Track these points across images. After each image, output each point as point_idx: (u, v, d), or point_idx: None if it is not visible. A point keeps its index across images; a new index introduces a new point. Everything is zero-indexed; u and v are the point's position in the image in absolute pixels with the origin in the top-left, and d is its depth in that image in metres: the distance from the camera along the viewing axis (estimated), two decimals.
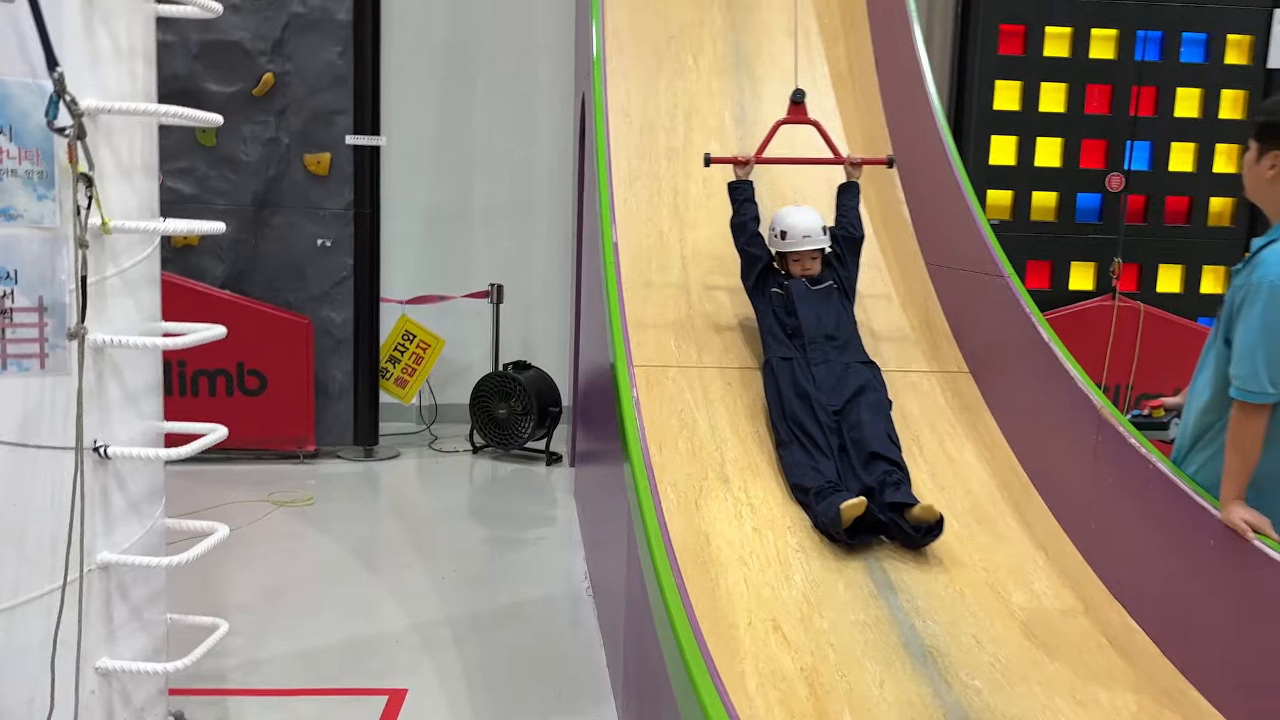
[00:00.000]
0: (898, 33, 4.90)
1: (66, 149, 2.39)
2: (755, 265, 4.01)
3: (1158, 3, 6.33)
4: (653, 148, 4.79)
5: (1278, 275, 2.46)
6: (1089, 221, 6.50)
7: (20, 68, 2.36)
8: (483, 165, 6.84)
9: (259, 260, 5.94)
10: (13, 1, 2.34)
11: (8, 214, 2.39)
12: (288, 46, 5.81)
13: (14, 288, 2.42)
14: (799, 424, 3.58)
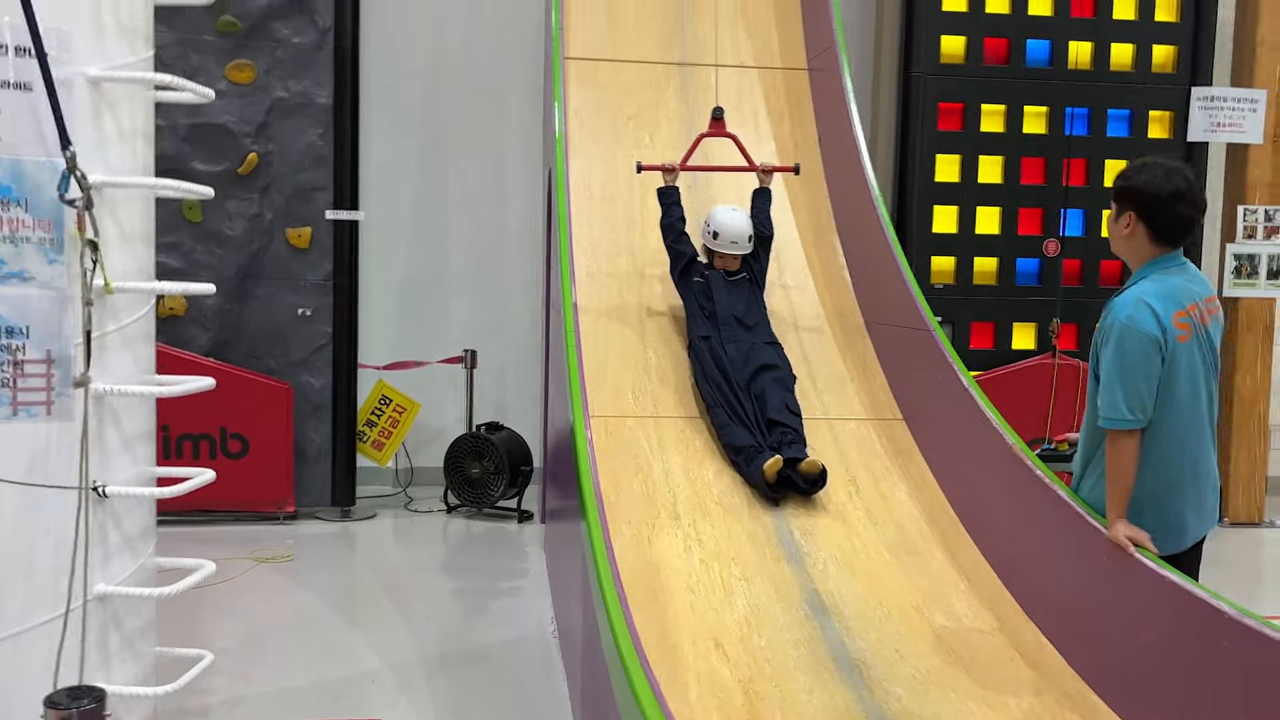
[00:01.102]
0: (837, 113, 5.30)
1: (76, 219, 2.71)
2: (681, 260, 4.67)
3: (1085, 82, 6.81)
4: (612, 217, 5.15)
5: (1125, 317, 2.82)
6: (1029, 284, 6.89)
7: (36, 148, 2.70)
8: (456, 236, 7.20)
9: (242, 329, 6.25)
10: (32, 90, 2.68)
11: (22, 276, 2.70)
12: (271, 128, 6.18)
13: (25, 342, 2.72)
14: (719, 391, 4.28)
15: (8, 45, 2.64)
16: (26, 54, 2.64)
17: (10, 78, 2.65)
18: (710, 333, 4.44)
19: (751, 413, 4.20)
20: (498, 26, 7.10)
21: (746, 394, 4.26)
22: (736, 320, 4.46)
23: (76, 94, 2.73)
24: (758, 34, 5.83)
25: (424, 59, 7.09)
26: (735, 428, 4.15)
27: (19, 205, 2.69)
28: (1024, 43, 6.79)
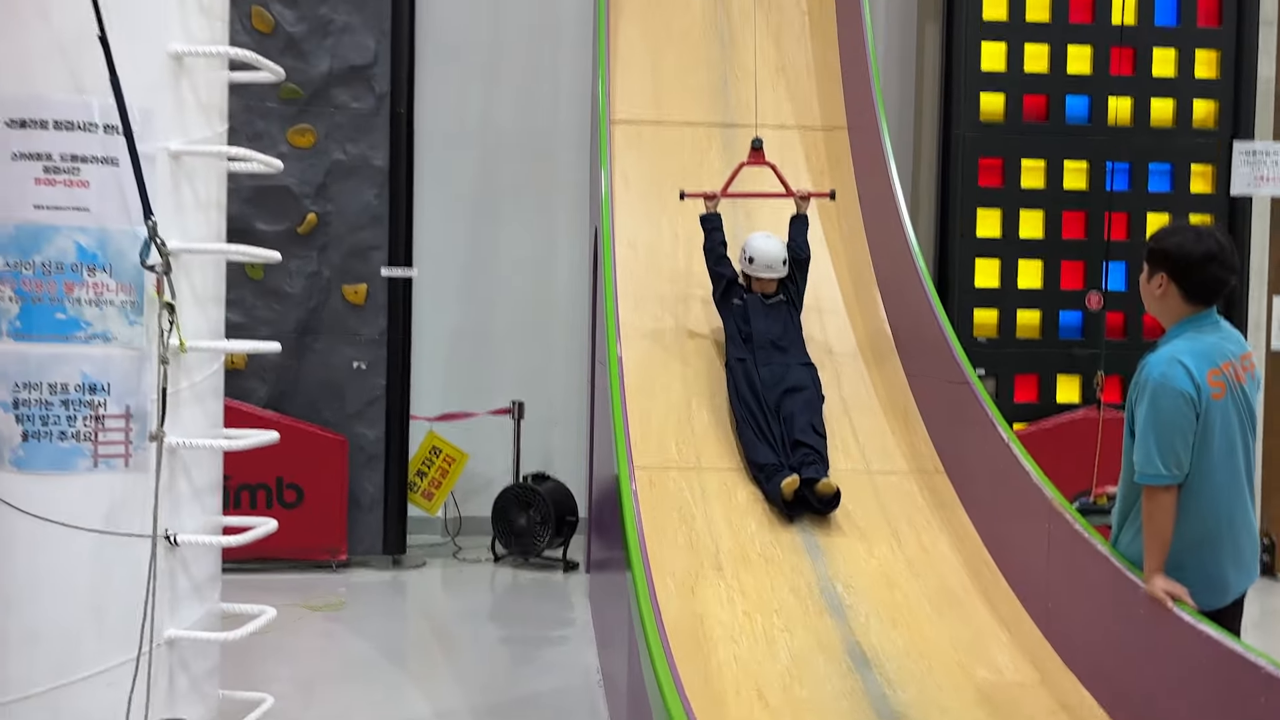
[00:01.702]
0: (877, 171, 5.43)
1: (155, 283, 2.89)
2: (721, 282, 4.91)
3: (1125, 137, 6.87)
4: (656, 273, 5.30)
5: (1159, 375, 2.89)
6: (1072, 337, 6.92)
7: (121, 218, 2.89)
8: (505, 292, 7.39)
9: (300, 382, 6.45)
10: (119, 165, 2.89)
11: (105, 337, 2.89)
12: (330, 190, 6.43)
13: (107, 398, 2.90)
14: (749, 411, 4.53)
15: (98, 124, 2.85)
16: (115, 131, 2.84)
17: (100, 153, 2.86)
18: (746, 355, 4.68)
19: (778, 433, 4.45)
20: (547, 91, 7.34)
21: (775, 415, 4.50)
22: (771, 343, 4.70)
23: (158, 167, 2.92)
24: (798, 95, 5.99)
25: (475, 122, 7.34)
26: (760, 446, 4.41)
27: (104, 271, 2.88)
28: (1063, 99, 6.88)
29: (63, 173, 2.85)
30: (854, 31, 5.87)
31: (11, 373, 2.86)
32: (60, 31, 2.82)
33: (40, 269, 2.85)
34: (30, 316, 2.85)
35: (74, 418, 2.87)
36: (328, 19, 6.36)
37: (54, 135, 2.84)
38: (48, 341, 2.86)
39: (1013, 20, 6.82)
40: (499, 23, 7.30)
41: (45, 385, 2.86)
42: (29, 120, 2.84)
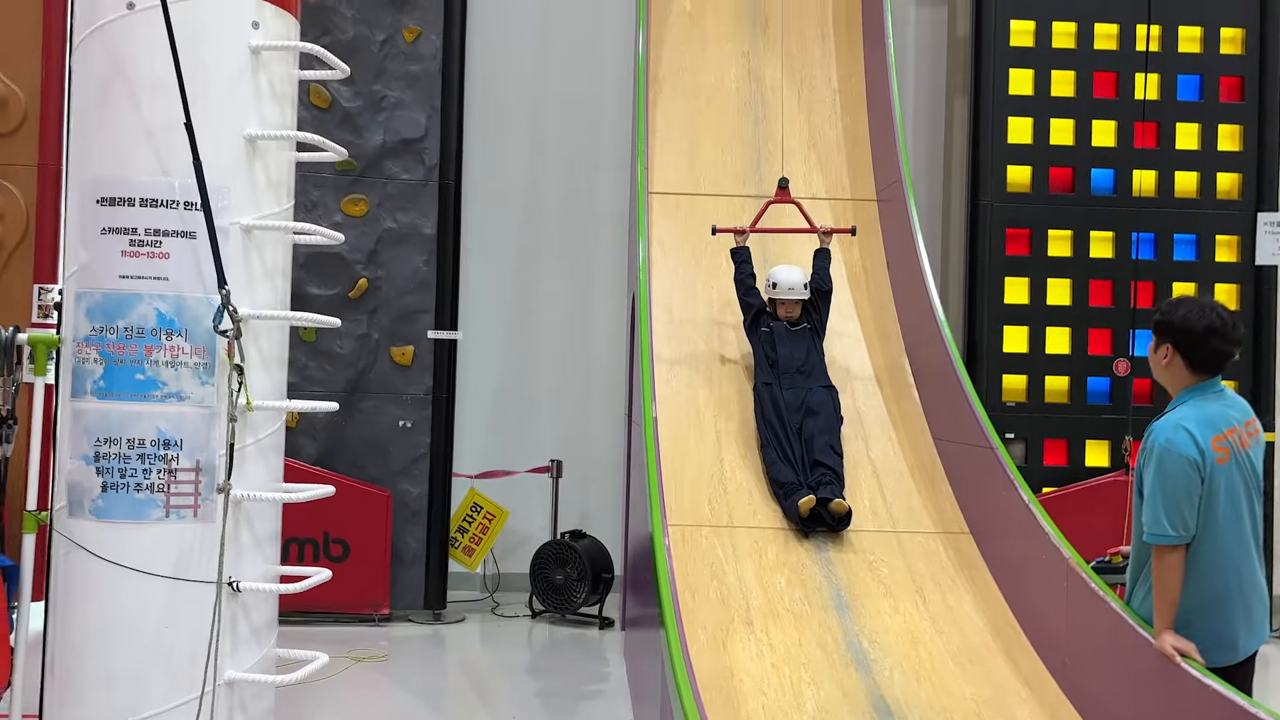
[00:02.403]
0: (904, 241, 5.63)
1: (226, 346, 3.15)
2: (750, 310, 5.30)
3: (1150, 208, 7.03)
4: (691, 336, 5.51)
5: (1165, 440, 3.05)
6: (1100, 403, 7.03)
7: (196, 286, 3.15)
8: (545, 353, 7.64)
9: (347, 440, 6.70)
10: (196, 238, 3.16)
11: (179, 396, 3.14)
12: (381, 256, 6.74)
13: (179, 453, 3.14)
14: (773, 433, 4.91)
15: (179, 201, 3.13)
16: (194, 208, 3.12)
17: (179, 228, 3.13)
18: (772, 380, 5.07)
19: (798, 453, 4.84)
20: (588, 163, 7.64)
21: (797, 436, 4.89)
22: (796, 369, 5.09)
23: (231, 240, 3.19)
24: (829, 168, 6.23)
25: (520, 191, 7.65)
26: (782, 466, 4.81)
27: (180, 335, 3.14)
28: (1089, 172, 7.07)
29: (146, 245, 3.13)
30: (883, 106, 6.11)
31: (94, 429, 3.11)
32: (149, 119, 3.12)
33: (123, 333, 3.11)
34: (113, 377, 3.11)
35: (149, 470, 3.10)
36: (381, 95, 6.71)
37: (140, 211, 3.12)
38: (127, 400, 3.11)
39: (1038, 95, 7.04)
40: (543, 99, 7.64)
41: (124, 440, 3.10)
42: (118, 199, 3.13)
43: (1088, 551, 4.00)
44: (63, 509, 3.15)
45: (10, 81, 6.37)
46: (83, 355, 3.14)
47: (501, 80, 7.57)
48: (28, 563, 3.38)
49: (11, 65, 6.33)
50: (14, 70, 6.33)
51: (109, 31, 3.15)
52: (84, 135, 3.23)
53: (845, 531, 4.61)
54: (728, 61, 6.43)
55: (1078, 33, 7.08)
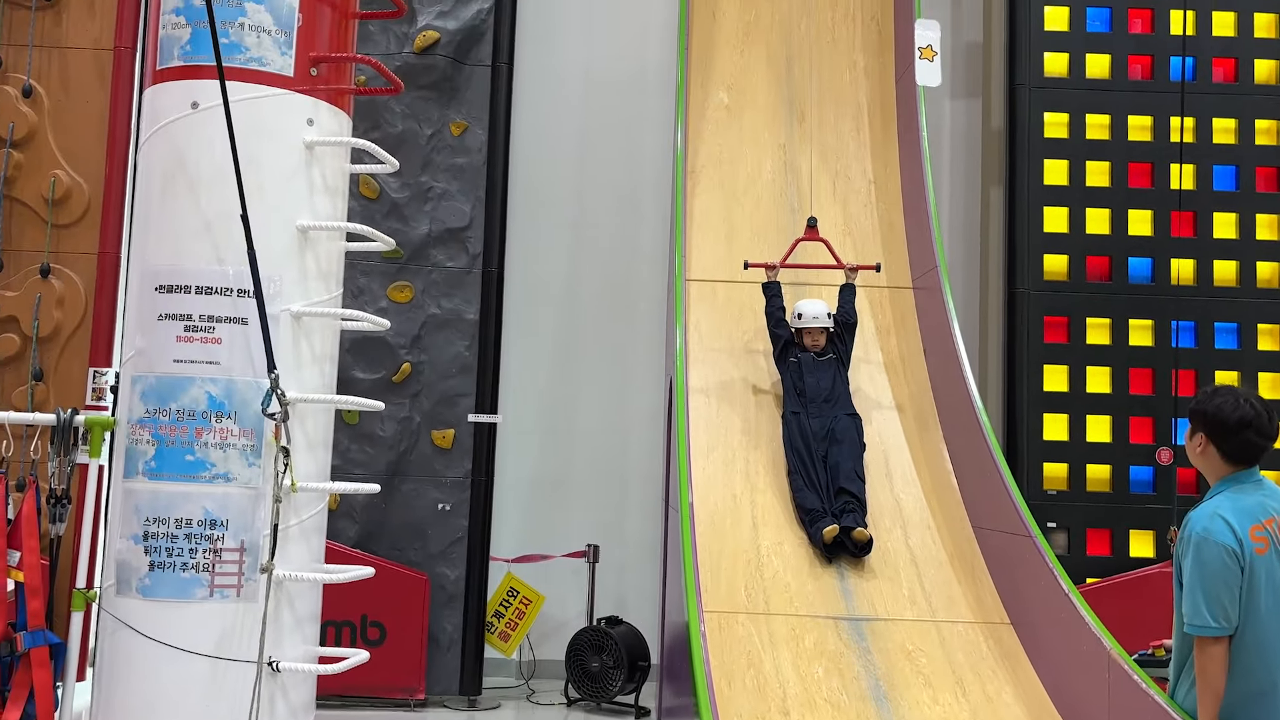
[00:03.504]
0: (940, 329, 5.67)
1: (274, 429, 3.24)
2: (779, 342, 5.59)
3: (1189, 297, 7.02)
4: (727, 423, 5.55)
5: (1202, 529, 3.03)
6: (1143, 492, 6.94)
7: (246, 370, 3.26)
8: (583, 437, 7.69)
9: (386, 522, 6.76)
10: (248, 324, 3.27)
11: (226, 477, 3.22)
12: (424, 341, 6.88)
13: (225, 533, 3.21)
14: (800, 460, 5.20)
15: (233, 289, 3.26)
16: (246, 295, 3.25)
17: (232, 314, 3.26)
18: (799, 409, 5.36)
19: (823, 480, 5.11)
20: (626, 251, 7.79)
21: (822, 464, 5.17)
22: (823, 398, 5.36)
23: (281, 326, 3.31)
24: (864, 255, 6.29)
25: (560, 279, 7.80)
26: (808, 492, 5.09)
27: (229, 418, 3.24)
28: (1126, 260, 7.09)
29: (200, 331, 3.25)
30: (918, 196, 6.21)
31: (144, 508, 3.20)
32: (207, 210, 3.27)
33: (175, 416, 3.22)
34: (164, 458, 3.21)
35: (195, 550, 3.18)
36: (428, 186, 6.93)
37: (195, 299, 3.26)
38: (177, 481, 3.21)
39: (1073, 185, 7.11)
40: (584, 189, 7.84)
41: (172, 520, 3.19)
42: (175, 286, 3.26)
43: (1132, 644, 3.94)
44: (111, 587, 3.23)
45: (76, 174, 6.65)
46: (136, 437, 3.24)
47: (544, 171, 7.78)
48: (75, 640, 3.45)
49: (78, 160, 6.61)
50: (80, 164, 6.62)
51: (173, 129, 3.33)
52: (145, 226, 3.39)
53: (884, 621, 4.58)
54: (764, 153, 6.58)
55: (1111, 125, 7.17)
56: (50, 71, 6.79)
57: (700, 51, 6.83)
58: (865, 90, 6.83)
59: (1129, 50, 7.21)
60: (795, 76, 6.79)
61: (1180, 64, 7.13)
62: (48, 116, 6.69)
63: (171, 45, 3.35)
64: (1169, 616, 6.08)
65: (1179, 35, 7.14)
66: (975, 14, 7.87)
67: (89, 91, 6.74)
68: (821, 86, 6.74)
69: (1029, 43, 7.18)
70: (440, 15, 6.98)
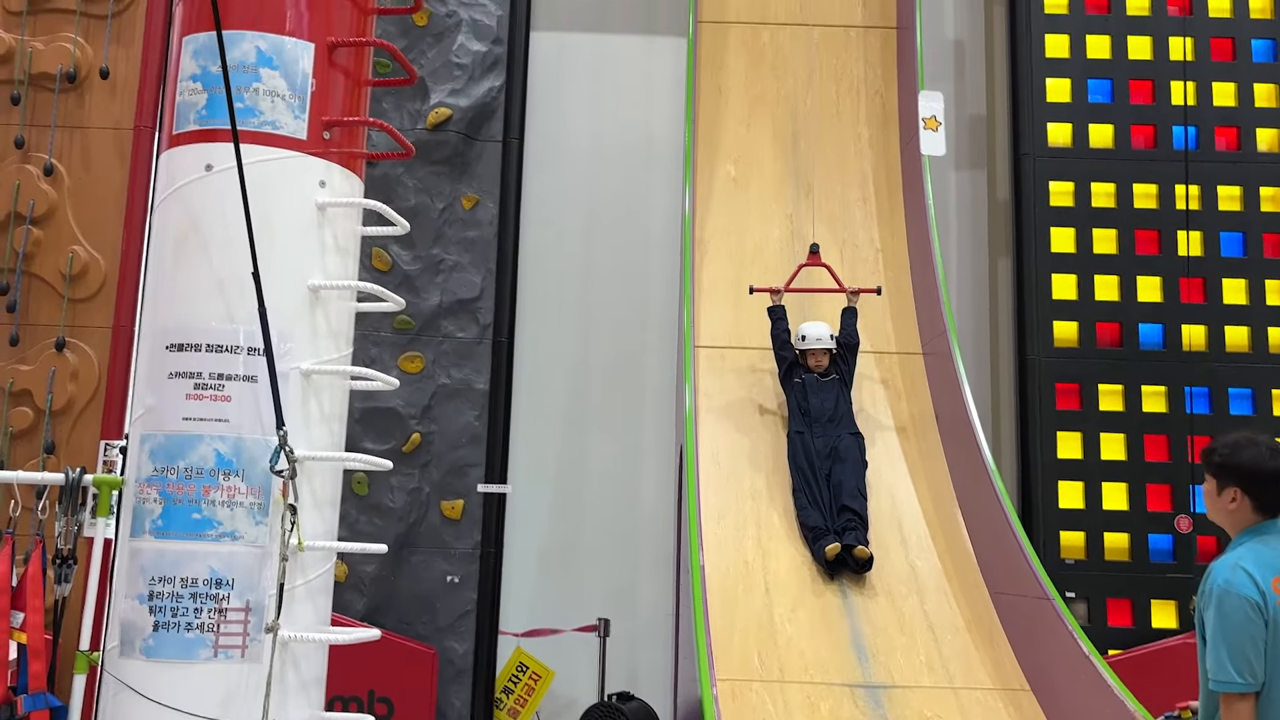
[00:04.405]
0: (952, 394, 5.65)
1: (281, 486, 3.22)
2: (784, 363, 5.79)
3: (1201, 363, 6.99)
4: (738, 488, 5.51)
5: (1224, 581, 2.97)
6: (1163, 561, 6.83)
7: (254, 428, 3.26)
8: (593, 508, 7.63)
9: (394, 595, 6.69)
10: (257, 381, 3.27)
11: (233, 535, 3.20)
12: (434, 411, 6.88)
13: (230, 592, 3.18)
14: (803, 478, 5.35)
15: (243, 346, 3.28)
16: (256, 353, 3.26)
17: (242, 372, 3.27)
18: (804, 429, 5.52)
19: (826, 499, 5.26)
20: (635, 320, 7.81)
21: (825, 482, 5.31)
22: (827, 418, 5.52)
23: (291, 384, 3.32)
24: (871, 323, 6.31)
25: (569, 348, 7.82)
26: (811, 510, 5.25)
27: (237, 475, 3.23)
28: (1136, 326, 7.07)
29: (210, 389, 3.26)
30: (925, 264, 6.24)
31: (150, 567, 3.18)
32: (219, 269, 3.30)
33: (183, 473, 3.21)
34: (171, 516, 3.20)
35: (200, 610, 3.14)
36: (440, 258, 7.00)
37: (206, 356, 3.27)
38: (183, 539, 3.18)
39: (1081, 252, 7.13)
40: (593, 259, 7.90)
41: (178, 579, 3.16)
42: (186, 344, 3.28)
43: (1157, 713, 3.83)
44: (114, 649, 3.18)
45: (93, 250, 6.75)
46: (143, 495, 3.23)
47: (554, 243, 7.86)
48: (76, 703, 3.39)
49: (95, 236, 6.73)
50: (97, 240, 6.73)
51: (187, 191, 3.38)
52: (158, 286, 3.42)
53: (902, 689, 4.48)
54: (771, 222, 6.64)
55: (1117, 193, 7.22)
56: (71, 150, 6.94)
57: (707, 126, 6.94)
58: (870, 161, 6.92)
59: (1131, 120, 7.29)
60: (801, 148, 6.88)
61: (1183, 133, 7.22)
62: (68, 194, 6.83)
63: (188, 110, 3.42)
64: (1195, 685, 5.93)
65: (1180, 105, 7.24)
66: (978, 87, 7.99)
67: (109, 169, 6.88)
68: (827, 158, 6.83)
69: (1032, 114, 7.27)
70: (453, 93, 7.13)
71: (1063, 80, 7.33)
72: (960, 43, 8.05)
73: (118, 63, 6.97)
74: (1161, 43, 7.36)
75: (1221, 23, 7.38)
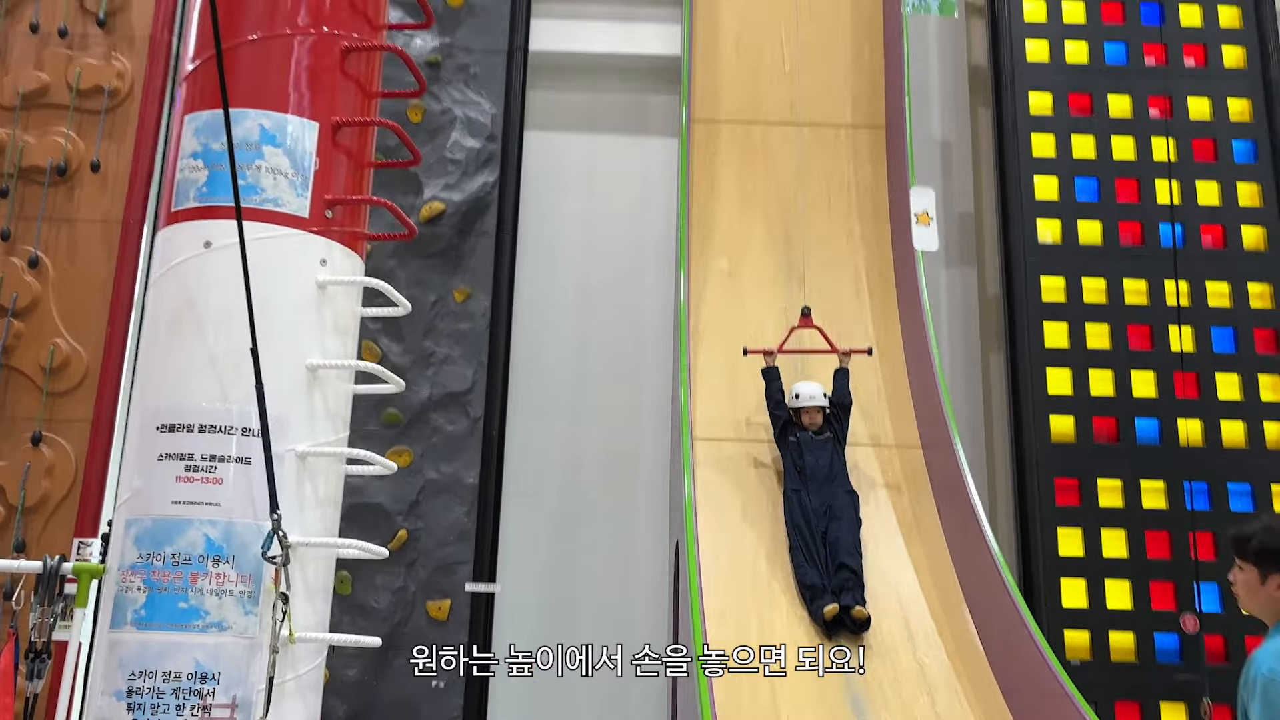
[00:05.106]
0: (954, 487, 5.55)
1: (273, 574, 3.06)
2: (779, 422, 5.83)
3: (1199, 458, 6.92)
4: (739, 585, 5.33)
5: (1269, 669, 2.83)
6: (1170, 662, 6.64)
7: (246, 512, 3.12)
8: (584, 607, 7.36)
9: (378, 701, 6.40)
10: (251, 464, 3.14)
11: (220, 626, 3.03)
12: (421, 507, 6.70)
13: (215, 687, 2.99)
14: (800, 536, 5.39)
15: (236, 427, 3.15)
16: (250, 434, 3.13)
17: (235, 454, 3.13)
18: (800, 486, 5.57)
19: (823, 557, 5.30)
20: (627, 411, 7.69)
21: (821, 541, 5.36)
22: (823, 476, 5.57)
23: (286, 466, 3.18)
24: (871, 417, 6.24)
25: (561, 443, 7.67)
26: (809, 569, 5.28)
27: (226, 562, 3.07)
28: (1132, 421, 7.02)
29: (201, 470, 3.12)
30: (922, 356, 6.20)
31: (129, 661, 2.99)
32: (214, 347, 3.20)
33: (170, 560, 3.05)
34: (155, 605, 3.02)
35: (183, 706, 2.96)
36: (430, 351, 6.91)
37: (197, 437, 3.14)
38: (167, 630, 3.00)
39: (1074, 347, 7.12)
40: (585, 352, 7.82)
41: (159, 674, 2.98)
42: (178, 425, 3.15)
43: None
44: None
45: (75, 343, 6.63)
46: (126, 584, 3.06)
47: (545, 336, 7.77)
48: None
49: (78, 329, 6.63)
50: (80, 333, 6.62)
51: (184, 269, 3.30)
52: (149, 365, 3.31)
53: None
54: (765, 314, 6.60)
55: (1108, 289, 7.25)
56: (58, 243, 6.87)
57: (699, 220, 6.96)
58: (863, 256, 6.93)
59: (1119, 217, 7.36)
60: (793, 243, 6.90)
61: (1170, 230, 7.29)
62: (52, 287, 6.74)
63: (188, 188, 3.36)
64: None
65: (1166, 204, 7.33)
66: (966, 186, 8.09)
67: (95, 262, 6.81)
68: (820, 252, 6.84)
69: (1021, 211, 7.34)
70: (447, 188, 7.15)
71: (1050, 178, 7.42)
72: (947, 143, 8.18)
73: (109, 156, 6.96)
74: (1145, 143, 7.49)
75: (1202, 125, 7.53)
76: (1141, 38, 7.73)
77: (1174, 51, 7.70)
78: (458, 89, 7.36)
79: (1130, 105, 7.60)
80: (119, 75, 7.08)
